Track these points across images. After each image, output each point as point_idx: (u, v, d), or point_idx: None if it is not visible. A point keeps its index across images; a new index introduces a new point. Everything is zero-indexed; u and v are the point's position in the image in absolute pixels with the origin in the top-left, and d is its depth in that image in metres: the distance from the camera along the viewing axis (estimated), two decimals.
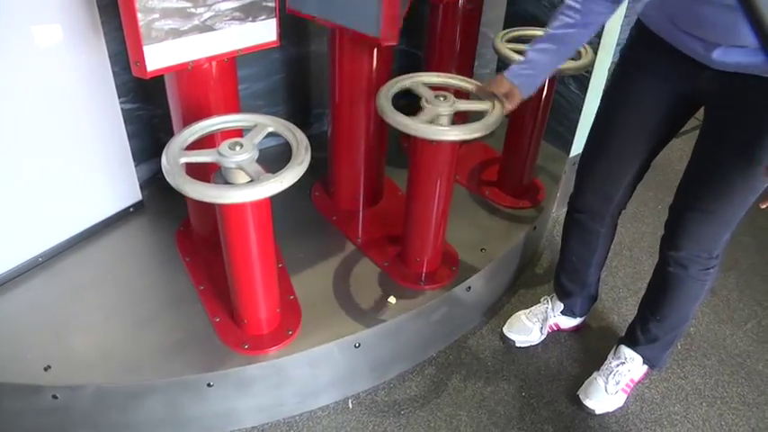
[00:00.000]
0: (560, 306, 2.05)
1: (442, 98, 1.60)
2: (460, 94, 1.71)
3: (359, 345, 1.77)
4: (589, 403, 1.87)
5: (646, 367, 1.92)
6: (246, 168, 1.33)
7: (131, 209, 2.10)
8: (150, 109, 2.12)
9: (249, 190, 1.27)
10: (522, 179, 2.32)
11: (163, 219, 2.10)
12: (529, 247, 2.34)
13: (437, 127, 1.55)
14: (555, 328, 2.11)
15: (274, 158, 1.49)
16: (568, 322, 2.10)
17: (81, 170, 1.89)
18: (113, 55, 1.80)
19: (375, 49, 1.83)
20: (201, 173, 1.46)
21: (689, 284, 1.67)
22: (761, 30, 1.10)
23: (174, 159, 1.34)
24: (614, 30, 2.28)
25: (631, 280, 2.42)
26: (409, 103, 1.74)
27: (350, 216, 2.17)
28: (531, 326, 2.06)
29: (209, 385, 1.64)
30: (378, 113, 1.61)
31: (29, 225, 1.83)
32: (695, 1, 1.28)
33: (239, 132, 1.61)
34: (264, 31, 1.64)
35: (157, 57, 1.46)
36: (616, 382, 1.87)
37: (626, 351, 1.89)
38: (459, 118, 1.67)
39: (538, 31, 2.20)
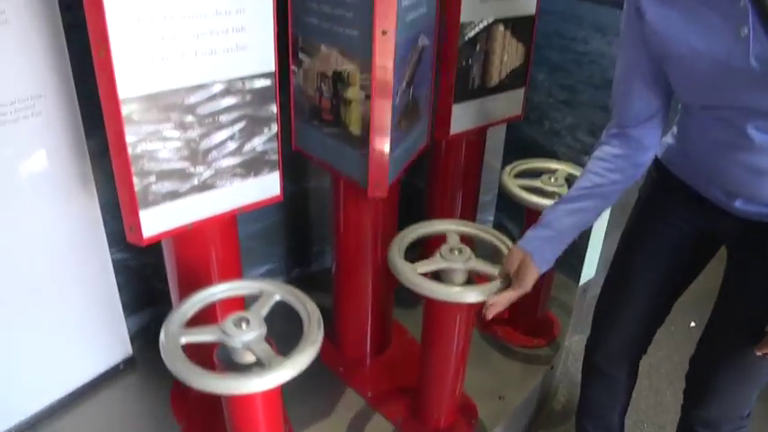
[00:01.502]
0: None
1: (457, 251, 1.50)
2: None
3: None
4: None
5: None
6: (254, 349, 1.20)
7: (121, 366, 1.94)
8: (142, 258, 2.00)
9: (259, 380, 1.14)
10: (536, 314, 2.21)
11: (155, 376, 1.92)
12: (546, 386, 2.19)
13: (452, 288, 1.45)
14: None
15: None
16: None
17: (66, 327, 1.75)
18: (104, 204, 1.71)
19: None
20: None
21: None
22: None
23: (174, 340, 1.22)
24: None
25: (654, 413, 2.26)
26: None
27: (357, 366, 2.02)
28: None
29: None
30: (384, 258, 1.53)
31: (3, 392, 1.66)
32: (714, 156, 1.22)
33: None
34: (267, 186, 1.56)
35: (154, 221, 1.36)
36: None
37: None
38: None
39: (547, 163, 2.15)
